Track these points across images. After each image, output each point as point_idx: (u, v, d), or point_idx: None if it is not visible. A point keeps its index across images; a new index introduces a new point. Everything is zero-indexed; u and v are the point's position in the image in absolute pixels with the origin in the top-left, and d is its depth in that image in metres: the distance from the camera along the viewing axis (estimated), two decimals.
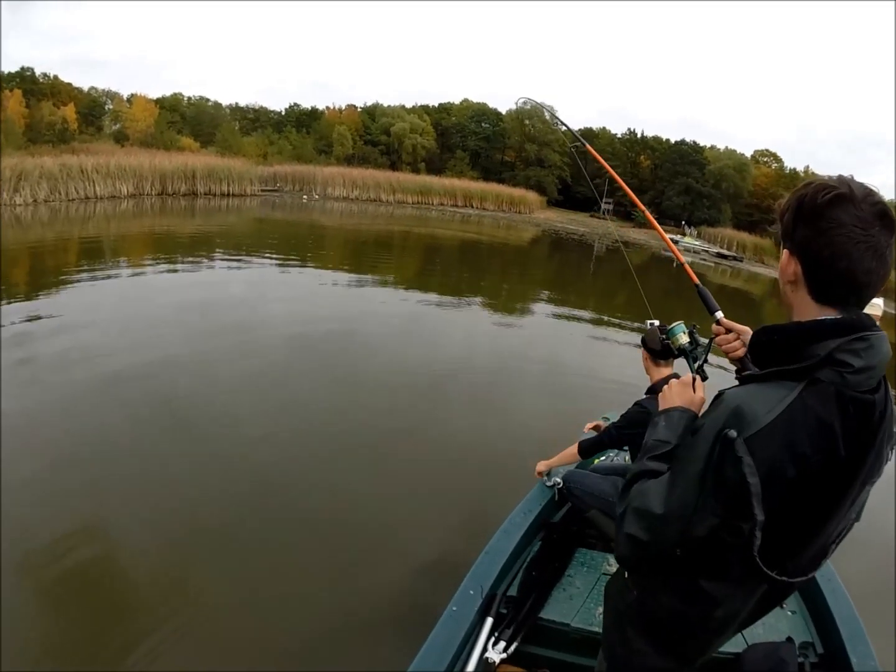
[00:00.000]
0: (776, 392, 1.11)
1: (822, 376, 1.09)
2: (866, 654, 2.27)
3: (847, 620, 2.44)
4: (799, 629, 2.55)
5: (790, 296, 1.23)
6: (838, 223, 1.09)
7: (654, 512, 1.19)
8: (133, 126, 49.48)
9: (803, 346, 1.12)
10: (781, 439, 1.07)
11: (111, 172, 23.19)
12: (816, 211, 1.12)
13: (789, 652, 2.25)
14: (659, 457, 1.32)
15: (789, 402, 1.09)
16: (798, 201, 1.17)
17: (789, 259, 1.19)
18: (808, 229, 1.14)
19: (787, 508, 1.12)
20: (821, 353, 1.09)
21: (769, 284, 33.09)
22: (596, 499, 3.17)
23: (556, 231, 39.37)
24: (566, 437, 4.00)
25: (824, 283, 1.15)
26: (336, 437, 5.36)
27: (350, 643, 3.11)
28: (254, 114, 66.15)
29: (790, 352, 1.14)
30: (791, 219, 1.18)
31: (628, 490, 1.31)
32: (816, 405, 1.08)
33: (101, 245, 14.43)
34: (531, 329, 11.23)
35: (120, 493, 4.11)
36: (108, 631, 3.01)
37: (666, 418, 1.42)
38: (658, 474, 1.28)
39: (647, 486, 1.25)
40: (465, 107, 64.70)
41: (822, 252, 1.12)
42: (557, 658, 2.51)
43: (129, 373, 6.04)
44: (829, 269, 1.12)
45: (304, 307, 9.95)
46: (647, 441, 1.40)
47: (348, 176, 38.84)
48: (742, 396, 1.14)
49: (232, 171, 29.98)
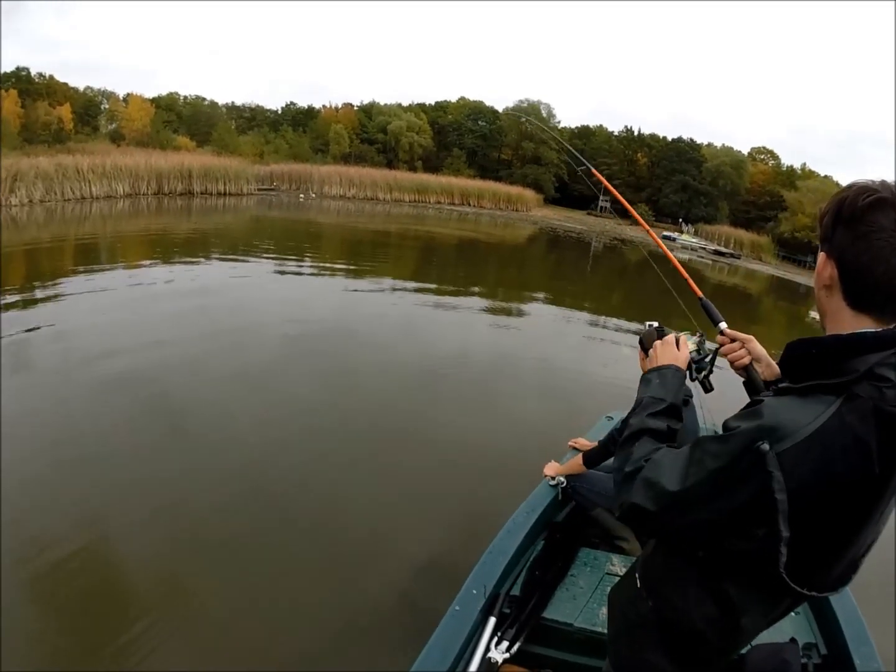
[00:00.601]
0: (814, 407, 1.07)
1: (860, 391, 1.05)
2: (869, 656, 2.25)
3: (850, 621, 2.42)
4: (802, 630, 2.53)
5: (824, 301, 1.19)
6: (878, 227, 1.06)
7: (667, 488, 1.16)
8: (129, 126, 49.52)
9: (842, 360, 1.08)
10: (816, 456, 1.04)
11: (107, 172, 23.17)
12: (856, 214, 1.09)
13: (793, 653, 2.19)
14: (657, 414, 1.34)
15: (826, 418, 1.05)
16: (838, 204, 1.13)
17: (826, 262, 1.16)
18: (846, 233, 1.11)
19: (816, 524, 1.08)
20: (860, 369, 1.05)
21: (766, 282, 33.24)
22: (601, 497, 3.16)
23: (554, 229, 39.45)
24: (565, 435, 4.01)
25: (860, 289, 1.11)
26: (334, 438, 5.35)
27: (351, 643, 3.11)
28: (250, 113, 66.33)
29: (828, 365, 1.09)
30: (830, 222, 1.15)
31: (630, 445, 1.31)
32: (854, 421, 1.04)
33: (97, 246, 14.38)
34: (529, 327, 11.25)
35: (116, 495, 4.08)
36: (105, 634, 3.00)
37: (659, 375, 1.44)
38: (659, 434, 1.30)
39: (659, 457, 1.23)
40: (461, 105, 64.91)
41: (859, 257, 1.09)
42: (560, 658, 2.51)
43: (126, 374, 6.02)
44: (865, 275, 1.09)
45: (301, 307, 9.93)
46: (641, 397, 1.40)
47: (345, 174, 38.87)
48: (781, 408, 1.10)
49: (228, 171, 29.95)
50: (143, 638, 2.97)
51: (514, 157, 61.99)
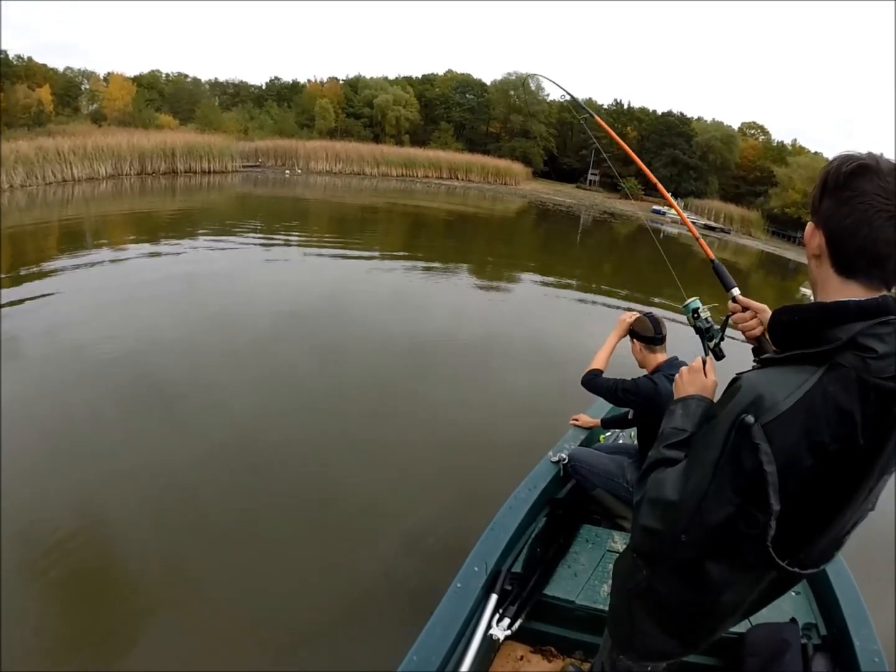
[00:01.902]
0: (796, 377, 1.08)
1: (844, 361, 1.05)
2: (869, 637, 2.27)
3: (850, 602, 2.45)
4: (802, 610, 2.55)
5: (815, 271, 1.20)
6: (861, 192, 1.07)
7: (669, 499, 1.17)
8: (110, 105, 48.73)
9: (825, 329, 1.09)
10: (800, 426, 1.04)
11: (88, 154, 22.77)
12: (840, 182, 1.10)
13: (793, 633, 2.27)
14: (675, 445, 1.30)
15: (809, 387, 1.05)
16: (824, 175, 1.15)
17: (814, 231, 1.18)
18: (831, 200, 1.12)
19: (802, 498, 1.09)
20: (843, 337, 1.06)
21: (756, 257, 33.30)
22: (601, 478, 3.18)
23: (543, 202, 39.25)
24: (558, 408, 4.00)
25: (846, 254, 1.12)
26: (327, 416, 5.40)
27: (355, 620, 3.17)
28: (234, 88, 65.33)
29: (811, 334, 1.11)
30: (818, 192, 1.16)
31: (645, 479, 1.29)
32: (837, 391, 1.04)
33: (81, 229, 14.20)
34: (520, 301, 11.29)
35: (109, 479, 4.09)
36: (107, 623, 3.04)
37: (683, 406, 1.39)
38: (675, 462, 1.26)
39: (663, 475, 1.24)
40: (449, 78, 64.17)
41: (843, 221, 1.10)
42: (561, 635, 2.53)
43: (115, 357, 5.99)
44: (850, 239, 1.10)
45: (291, 285, 9.86)
46: (663, 429, 1.38)
47: (331, 150, 38.43)
48: (760, 381, 1.11)
49: (212, 148, 29.53)
50: (139, 621, 3.02)
51: (502, 130, 61.45)
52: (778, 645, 2.20)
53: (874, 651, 2.21)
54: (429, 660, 2.01)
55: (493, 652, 2.42)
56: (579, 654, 2.49)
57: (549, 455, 3.37)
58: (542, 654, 2.48)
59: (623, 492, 3.12)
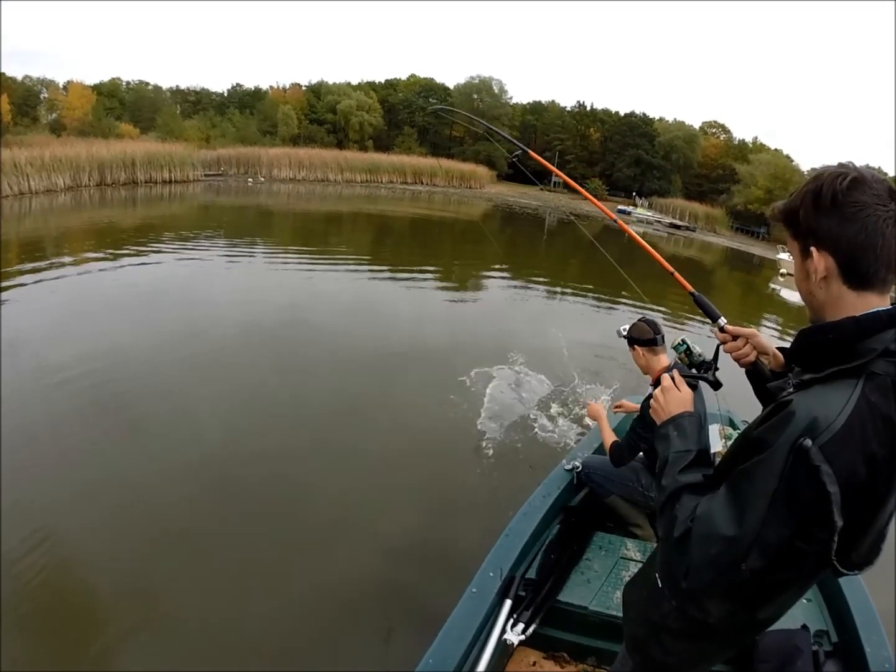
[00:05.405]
0: (841, 392, 1.07)
1: (878, 369, 1.06)
2: (880, 643, 2.28)
3: (861, 609, 2.46)
4: (814, 617, 2.55)
5: (820, 295, 1.18)
6: (863, 205, 1.08)
7: (726, 535, 1.12)
8: (70, 115, 47.74)
9: (859, 342, 1.09)
10: (855, 441, 1.04)
11: (46, 165, 22.27)
12: (838, 199, 1.10)
13: (804, 639, 2.27)
14: (687, 468, 1.30)
15: (855, 401, 1.05)
16: (815, 194, 1.13)
17: (819, 255, 1.14)
18: (834, 219, 1.11)
19: (855, 506, 1.07)
20: (878, 347, 1.07)
21: (722, 253, 34.09)
22: (615, 484, 3.22)
23: (510, 205, 39.59)
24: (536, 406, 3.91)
25: (863, 268, 1.11)
26: (298, 427, 5.43)
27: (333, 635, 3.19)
28: (195, 96, 64.46)
29: (846, 349, 1.10)
30: (811, 214, 1.15)
31: (672, 510, 1.24)
32: (878, 400, 1.05)
33: (39, 243, 13.90)
34: (487, 303, 11.45)
35: (74, 497, 4.04)
36: (77, 645, 3.00)
37: (676, 427, 1.40)
38: (697, 487, 1.25)
39: (704, 509, 1.18)
40: (412, 82, 64.17)
41: (856, 237, 1.09)
42: (574, 641, 2.55)
43: (77, 374, 5.93)
44: (867, 253, 1.09)
45: (254, 296, 9.81)
46: (665, 455, 1.36)
47: (294, 156, 38.30)
48: (812, 403, 1.08)
49: (173, 157, 29.12)
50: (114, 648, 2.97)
51: (466, 133, 61.61)
52: (789, 651, 2.20)
53: (885, 657, 2.23)
54: (444, 662, 2.06)
55: (507, 657, 2.46)
56: (592, 660, 2.53)
57: (563, 463, 3.44)
58: (555, 659, 2.52)
59: (638, 496, 3.18)
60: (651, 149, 57.81)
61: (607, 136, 61.44)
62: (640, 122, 60.02)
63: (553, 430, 5.74)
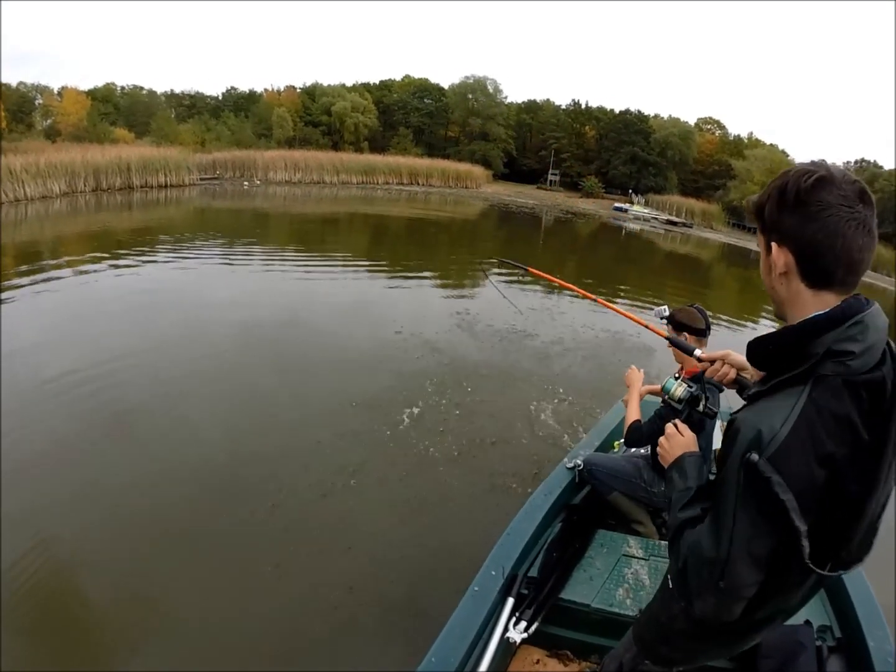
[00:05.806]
0: (785, 402, 1.11)
1: (826, 371, 1.09)
2: (883, 638, 2.28)
3: (864, 604, 2.46)
4: (817, 612, 2.55)
5: (781, 290, 1.21)
6: (826, 204, 1.09)
7: (709, 556, 1.18)
8: (65, 120, 47.65)
9: (801, 348, 1.12)
10: (804, 447, 1.07)
11: (41, 171, 22.19)
12: (801, 197, 1.11)
13: (807, 634, 2.28)
14: (688, 504, 1.34)
15: (801, 407, 1.08)
16: (780, 191, 1.15)
17: (779, 251, 1.17)
18: (796, 216, 1.13)
19: (827, 507, 1.11)
20: (819, 351, 1.09)
21: (718, 249, 34.13)
22: (618, 481, 3.21)
23: (506, 204, 39.58)
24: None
25: (821, 267, 1.13)
26: (298, 428, 5.42)
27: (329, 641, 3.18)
28: (190, 100, 64.31)
29: (790, 357, 1.14)
30: (775, 209, 1.17)
31: (676, 545, 1.30)
32: (828, 401, 1.08)
33: (35, 249, 13.87)
34: (485, 303, 11.28)
35: (73, 500, 4.04)
36: (77, 645, 3.01)
37: (677, 469, 1.44)
38: (696, 520, 1.29)
39: (694, 537, 1.25)
40: (406, 83, 64.20)
41: (815, 235, 1.10)
42: (577, 639, 2.56)
43: (76, 376, 5.95)
44: (826, 252, 1.11)
45: (251, 299, 9.77)
46: (670, 496, 1.41)
47: (290, 159, 38.20)
48: (754, 417, 1.14)
49: (168, 162, 29.03)
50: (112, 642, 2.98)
51: (461, 133, 61.76)
52: (792, 647, 2.21)
53: (889, 652, 2.22)
54: (447, 661, 2.06)
55: (510, 655, 2.45)
56: (595, 657, 2.51)
57: (565, 461, 3.42)
58: (558, 657, 2.51)
59: (641, 492, 3.17)
60: (647, 146, 57.86)
61: (603, 133, 61.49)
62: (636, 119, 60.06)
63: (558, 429, 5.75)
